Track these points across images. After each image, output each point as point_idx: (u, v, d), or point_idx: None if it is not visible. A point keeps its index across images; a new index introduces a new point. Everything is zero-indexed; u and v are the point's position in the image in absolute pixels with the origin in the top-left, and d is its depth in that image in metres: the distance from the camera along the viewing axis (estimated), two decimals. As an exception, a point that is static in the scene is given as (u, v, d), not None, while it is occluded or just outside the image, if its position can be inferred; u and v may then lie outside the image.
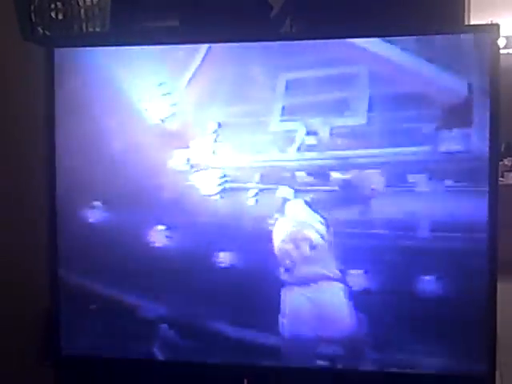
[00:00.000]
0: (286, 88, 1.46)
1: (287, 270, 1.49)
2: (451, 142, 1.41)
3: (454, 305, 1.43)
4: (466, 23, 2.07)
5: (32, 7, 1.57)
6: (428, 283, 1.43)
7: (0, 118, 1.66)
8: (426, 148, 1.42)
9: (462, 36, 1.43)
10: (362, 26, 1.48)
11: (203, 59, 1.48)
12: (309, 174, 1.46)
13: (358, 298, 1.46)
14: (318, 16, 1.66)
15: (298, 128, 1.46)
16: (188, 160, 1.51)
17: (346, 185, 1.45)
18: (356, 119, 1.44)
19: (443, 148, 1.41)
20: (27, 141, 1.68)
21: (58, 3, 1.58)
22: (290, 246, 1.48)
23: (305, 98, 1.47)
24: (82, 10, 1.60)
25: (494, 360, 1.43)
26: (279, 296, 1.49)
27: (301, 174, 1.46)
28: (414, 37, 1.42)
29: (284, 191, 1.47)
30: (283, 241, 1.48)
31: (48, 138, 1.57)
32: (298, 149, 1.46)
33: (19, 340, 1.67)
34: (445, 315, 1.44)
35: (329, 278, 1.47)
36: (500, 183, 1.46)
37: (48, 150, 1.57)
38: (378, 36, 1.44)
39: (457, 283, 1.42)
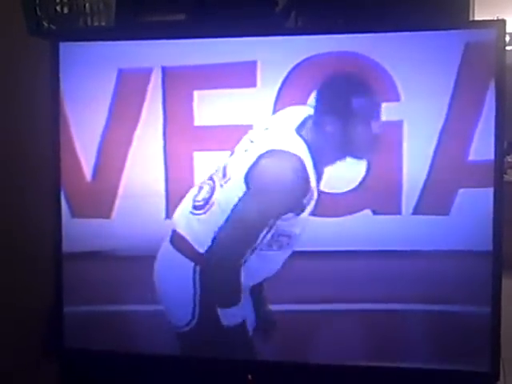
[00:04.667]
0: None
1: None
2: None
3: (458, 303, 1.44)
4: (472, 19, 2.06)
5: (37, 1, 1.56)
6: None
7: (5, 111, 1.66)
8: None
9: (467, 32, 1.42)
10: (363, 21, 1.48)
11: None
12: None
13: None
14: (323, 10, 1.66)
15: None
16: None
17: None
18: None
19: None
20: (32, 136, 1.68)
21: (63, -3, 1.58)
22: None
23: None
24: (87, 4, 1.60)
25: (498, 356, 1.43)
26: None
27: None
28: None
29: None
30: None
31: (53, 131, 1.57)
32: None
33: (22, 334, 1.68)
34: (449, 313, 1.44)
35: None
36: (504, 180, 1.45)
37: (53, 144, 1.57)
38: (382, 31, 1.43)
39: (461, 282, 1.43)
